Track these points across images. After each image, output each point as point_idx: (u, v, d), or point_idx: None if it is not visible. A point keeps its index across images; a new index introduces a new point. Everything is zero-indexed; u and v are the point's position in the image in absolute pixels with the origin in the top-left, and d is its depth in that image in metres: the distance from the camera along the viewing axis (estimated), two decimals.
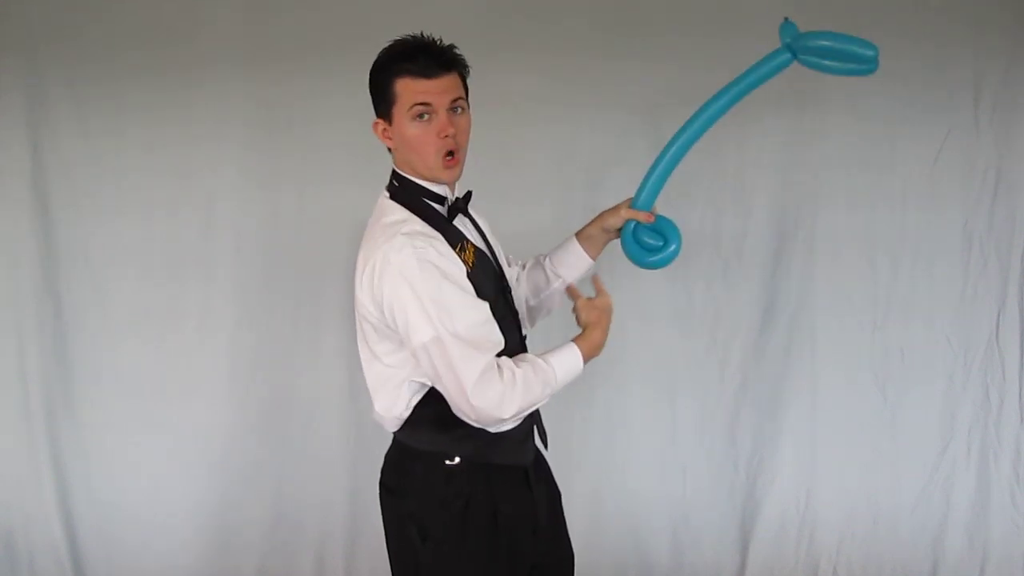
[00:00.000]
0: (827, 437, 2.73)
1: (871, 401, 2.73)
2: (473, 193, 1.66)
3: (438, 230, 1.53)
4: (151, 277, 2.69)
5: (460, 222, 1.61)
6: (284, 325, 2.72)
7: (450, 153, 1.52)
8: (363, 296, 1.52)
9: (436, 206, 1.57)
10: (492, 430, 1.52)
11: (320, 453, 2.73)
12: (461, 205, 1.61)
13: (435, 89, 1.49)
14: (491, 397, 1.44)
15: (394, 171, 1.61)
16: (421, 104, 1.49)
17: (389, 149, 1.60)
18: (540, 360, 1.52)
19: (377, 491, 1.68)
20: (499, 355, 1.50)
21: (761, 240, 2.70)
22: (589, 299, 1.62)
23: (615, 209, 1.73)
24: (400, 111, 1.50)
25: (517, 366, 1.48)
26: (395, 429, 1.63)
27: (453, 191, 1.61)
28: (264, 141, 2.66)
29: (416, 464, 1.60)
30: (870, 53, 1.54)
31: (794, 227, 2.70)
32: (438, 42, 1.52)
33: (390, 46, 1.53)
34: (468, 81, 1.57)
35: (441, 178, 1.55)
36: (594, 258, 1.79)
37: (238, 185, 2.68)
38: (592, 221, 1.77)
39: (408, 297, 1.44)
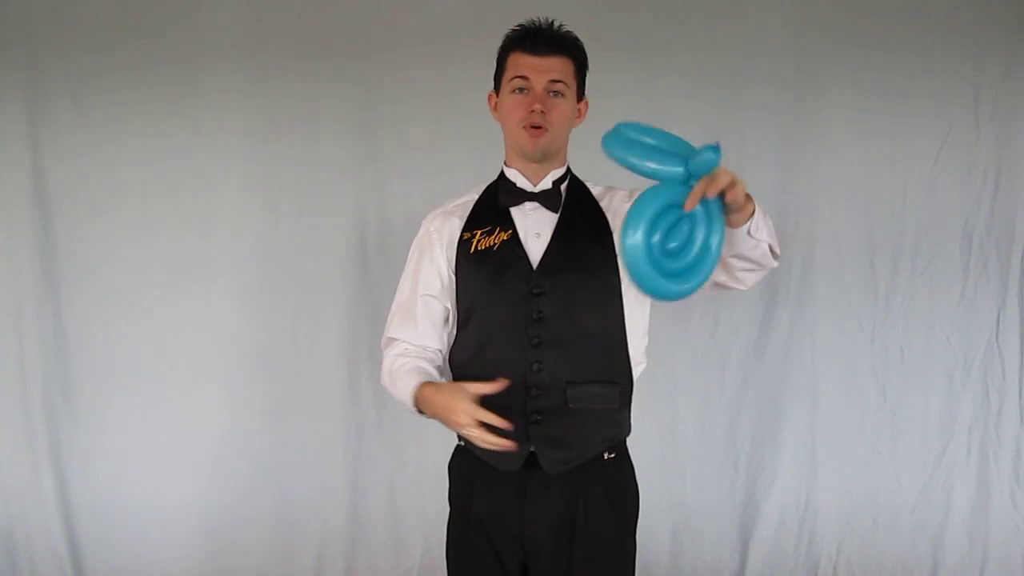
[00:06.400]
0: (827, 437, 2.73)
1: (871, 401, 2.73)
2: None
3: (478, 211, 1.60)
4: (151, 276, 2.69)
5: (533, 210, 1.58)
6: (284, 324, 2.72)
7: (534, 126, 1.54)
8: None
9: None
10: None
11: (320, 453, 2.72)
12: (514, 190, 1.59)
13: (537, 66, 1.53)
14: (384, 362, 1.60)
15: None
16: (520, 77, 1.54)
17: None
18: (405, 368, 1.56)
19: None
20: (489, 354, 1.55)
21: None
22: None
23: None
24: (504, 82, 1.57)
25: (397, 354, 1.59)
26: None
27: (537, 181, 1.60)
28: (266, 136, 2.66)
29: None
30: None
31: (794, 227, 2.69)
32: (556, 27, 1.56)
33: (515, 27, 1.58)
34: (586, 74, 1.61)
35: (525, 147, 1.56)
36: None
37: (239, 182, 2.68)
38: None
39: None
